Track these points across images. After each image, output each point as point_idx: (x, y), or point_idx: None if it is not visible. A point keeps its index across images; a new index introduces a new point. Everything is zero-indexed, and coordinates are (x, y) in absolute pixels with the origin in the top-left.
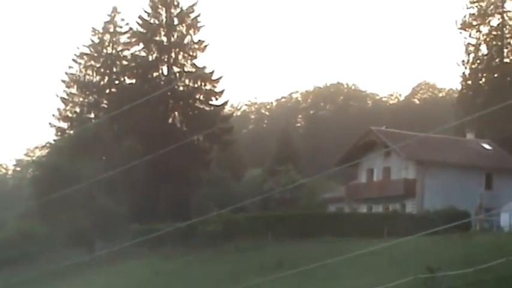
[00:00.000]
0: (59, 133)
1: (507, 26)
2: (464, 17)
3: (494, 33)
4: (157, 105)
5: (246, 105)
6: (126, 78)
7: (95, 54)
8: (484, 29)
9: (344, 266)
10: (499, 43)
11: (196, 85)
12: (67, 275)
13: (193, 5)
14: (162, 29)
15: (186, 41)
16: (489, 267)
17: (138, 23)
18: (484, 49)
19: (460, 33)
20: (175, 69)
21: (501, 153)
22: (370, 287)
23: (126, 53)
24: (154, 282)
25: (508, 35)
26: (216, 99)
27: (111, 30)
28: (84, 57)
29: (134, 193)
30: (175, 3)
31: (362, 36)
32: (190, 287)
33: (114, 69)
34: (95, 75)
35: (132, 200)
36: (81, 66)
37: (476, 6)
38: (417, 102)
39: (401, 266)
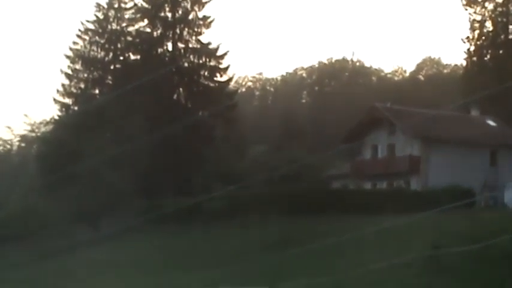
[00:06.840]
0: (64, 109)
1: None
2: None
3: (499, 9)
4: (162, 82)
5: (251, 81)
6: (130, 54)
7: (100, 30)
8: (490, 6)
9: (348, 243)
10: (504, 19)
11: (201, 61)
12: (70, 252)
13: None
14: (166, 5)
15: (191, 17)
16: (493, 244)
17: None
18: (489, 25)
19: (466, 9)
20: (180, 45)
21: (506, 129)
22: (375, 263)
23: (130, 29)
24: (157, 258)
25: None
26: (221, 75)
27: (116, 6)
28: (89, 33)
29: (139, 169)
30: None
31: (367, 12)
32: (193, 263)
33: (119, 45)
34: (99, 51)
35: (136, 176)
36: (86, 42)
37: None
38: (422, 78)
39: (405, 243)
